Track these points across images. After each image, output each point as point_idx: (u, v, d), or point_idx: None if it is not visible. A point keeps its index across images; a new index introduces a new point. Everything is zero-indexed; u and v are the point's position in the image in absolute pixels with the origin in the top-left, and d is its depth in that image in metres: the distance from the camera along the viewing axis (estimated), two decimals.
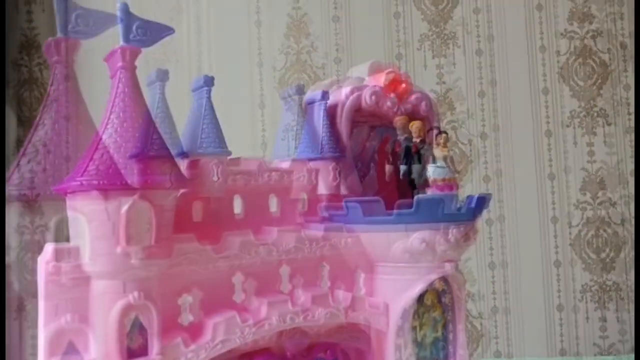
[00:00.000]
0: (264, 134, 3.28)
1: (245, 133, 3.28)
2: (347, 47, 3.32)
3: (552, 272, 3.16)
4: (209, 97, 1.49)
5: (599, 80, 3.21)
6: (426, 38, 3.28)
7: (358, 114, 1.77)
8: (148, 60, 3.41)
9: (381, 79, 1.75)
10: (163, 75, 1.41)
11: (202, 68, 3.40)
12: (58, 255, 1.16)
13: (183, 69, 3.36)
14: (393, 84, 1.73)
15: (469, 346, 3.17)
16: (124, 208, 1.29)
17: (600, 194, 3.16)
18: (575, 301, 3.14)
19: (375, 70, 1.78)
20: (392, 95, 1.74)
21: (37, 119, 1.20)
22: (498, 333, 3.17)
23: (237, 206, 1.57)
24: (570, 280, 3.15)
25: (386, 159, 1.79)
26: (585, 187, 3.17)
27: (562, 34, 3.23)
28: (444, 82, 3.25)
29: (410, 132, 1.70)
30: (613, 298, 3.14)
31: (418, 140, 1.70)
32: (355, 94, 1.73)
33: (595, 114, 3.19)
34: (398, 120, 1.72)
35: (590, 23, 3.23)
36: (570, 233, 3.16)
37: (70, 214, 1.16)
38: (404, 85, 1.76)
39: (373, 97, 1.73)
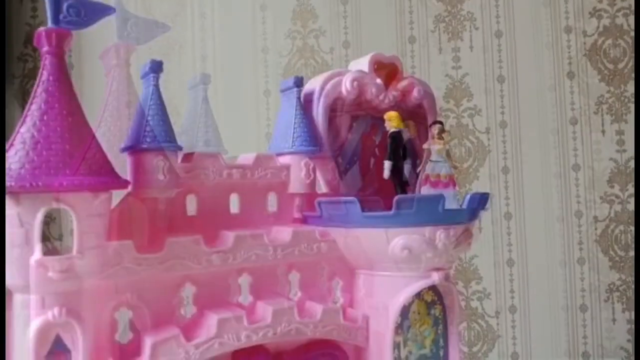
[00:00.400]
0: (268, 122, 3.27)
1: (251, 122, 3.28)
2: (355, 33, 3.29)
3: (559, 272, 3.11)
4: (205, 96, 1.47)
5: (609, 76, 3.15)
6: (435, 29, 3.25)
7: (359, 107, 1.74)
8: (151, 47, 3.41)
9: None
10: (157, 67, 1.38)
11: (207, 55, 3.39)
12: (46, 249, 1.14)
13: (187, 56, 3.37)
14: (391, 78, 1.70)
15: (475, 343, 3.15)
16: (115, 204, 1.27)
17: (609, 191, 3.11)
18: (590, 301, 3.10)
19: (376, 62, 1.74)
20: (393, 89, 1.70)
21: (26, 110, 1.17)
22: (500, 331, 3.13)
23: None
24: (578, 279, 3.10)
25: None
26: (592, 184, 3.11)
27: (566, 27, 3.17)
28: (447, 76, 3.21)
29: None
30: (622, 297, 3.08)
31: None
32: (335, 80, 1.69)
33: (605, 111, 3.13)
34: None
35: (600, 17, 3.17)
36: (579, 231, 3.12)
37: (59, 207, 1.14)
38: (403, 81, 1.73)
39: (355, 83, 1.68)
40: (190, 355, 1.28)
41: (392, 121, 1.64)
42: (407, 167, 1.65)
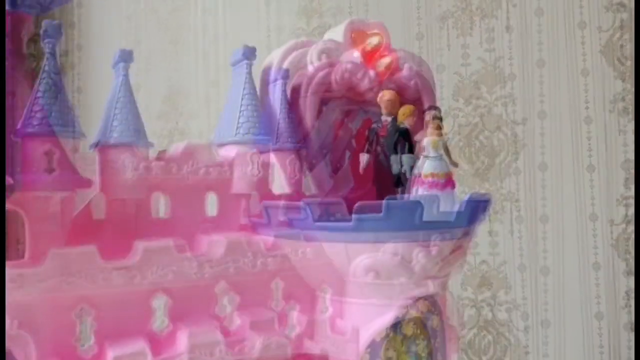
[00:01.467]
0: None
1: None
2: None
3: (592, 276, 2.95)
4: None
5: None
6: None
7: (331, 87, 1.47)
8: (154, 45, 3.33)
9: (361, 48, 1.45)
10: (127, 56, 1.27)
11: (209, 52, 3.32)
12: None
13: (188, 53, 3.30)
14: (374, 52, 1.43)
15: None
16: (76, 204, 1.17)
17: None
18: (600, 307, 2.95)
19: (353, 32, 1.45)
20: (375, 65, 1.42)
21: None
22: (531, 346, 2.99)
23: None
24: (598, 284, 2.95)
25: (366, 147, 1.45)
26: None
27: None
28: (456, 74, 3.09)
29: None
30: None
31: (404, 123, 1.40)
32: (324, 71, 1.42)
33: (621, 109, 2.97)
34: (383, 96, 1.39)
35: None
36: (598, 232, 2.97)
37: (8, 206, 1.04)
38: (387, 58, 1.43)
39: (323, 57, 1.42)
40: None
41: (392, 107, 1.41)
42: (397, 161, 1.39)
